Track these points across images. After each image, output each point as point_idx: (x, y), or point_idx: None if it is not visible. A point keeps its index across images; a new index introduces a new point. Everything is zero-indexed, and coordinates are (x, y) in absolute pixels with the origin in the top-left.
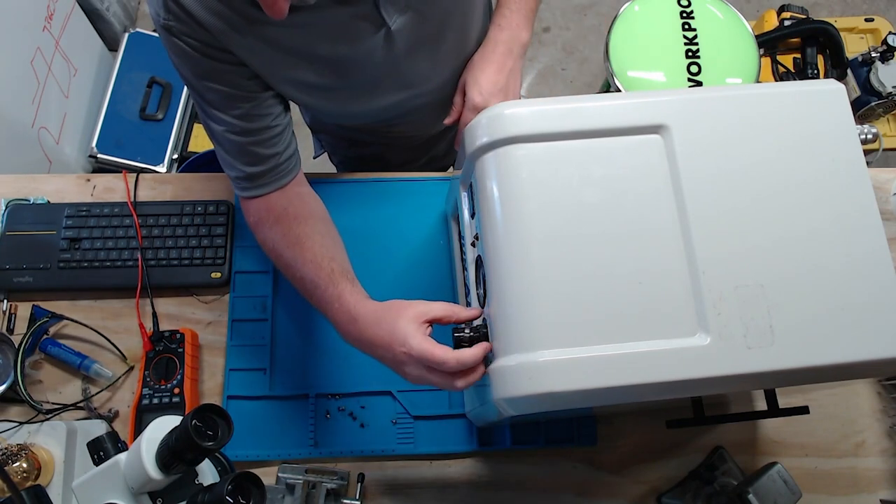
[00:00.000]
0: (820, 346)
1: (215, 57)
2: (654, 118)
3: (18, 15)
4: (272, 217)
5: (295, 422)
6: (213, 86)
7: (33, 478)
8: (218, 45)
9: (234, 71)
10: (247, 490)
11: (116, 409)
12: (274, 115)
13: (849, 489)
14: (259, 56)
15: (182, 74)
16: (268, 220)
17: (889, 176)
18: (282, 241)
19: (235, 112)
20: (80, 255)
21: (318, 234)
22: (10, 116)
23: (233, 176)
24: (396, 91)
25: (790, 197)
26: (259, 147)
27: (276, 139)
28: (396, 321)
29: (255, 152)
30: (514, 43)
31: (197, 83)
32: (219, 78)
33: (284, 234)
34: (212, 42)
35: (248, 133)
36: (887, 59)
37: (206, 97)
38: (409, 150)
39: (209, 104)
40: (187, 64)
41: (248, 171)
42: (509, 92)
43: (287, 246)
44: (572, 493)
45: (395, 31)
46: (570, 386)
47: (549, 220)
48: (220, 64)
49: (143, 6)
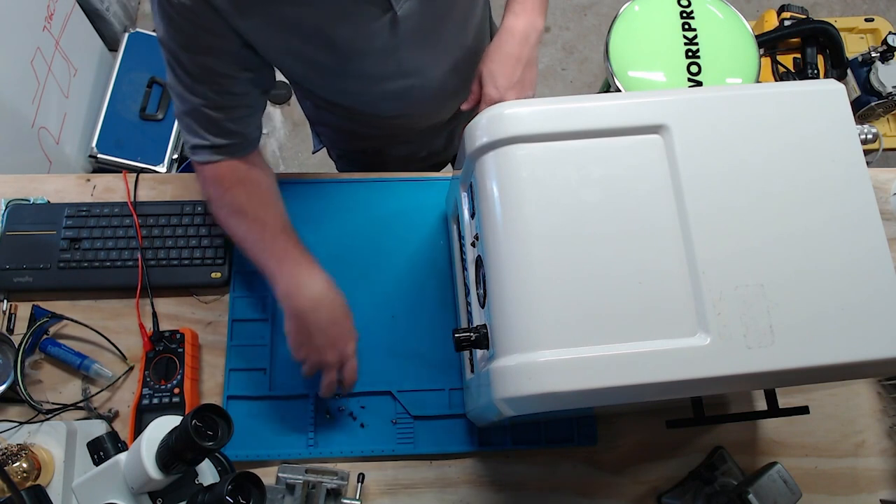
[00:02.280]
0: (820, 346)
1: (213, 32)
2: (654, 118)
3: (18, 15)
4: (224, 182)
5: (295, 422)
6: (201, 59)
7: (33, 478)
8: (219, 21)
9: (227, 48)
10: (247, 490)
11: (116, 409)
12: (252, 95)
13: (849, 489)
14: (263, 31)
15: (167, 45)
16: (221, 183)
17: (889, 176)
18: (230, 203)
19: (216, 87)
20: (80, 255)
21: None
22: (10, 116)
23: (194, 143)
24: (395, 79)
25: (790, 197)
26: (230, 123)
27: (248, 119)
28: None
29: (226, 127)
30: (531, 30)
31: (183, 55)
32: (209, 52)
33: (233, 198)
34: (213, 18)
35: (223, 109)
36: (887, 59)
37: (189, 69)
38: (408, 143)
39: (190, 76)
40: (179, 36)
41: (213, 141)
42: (526, 85)
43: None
44: (572, 493)
45: (400, 16)
46: (570, 386)
47: (549, 220)
48: (214, 39)
49: (143, 6)
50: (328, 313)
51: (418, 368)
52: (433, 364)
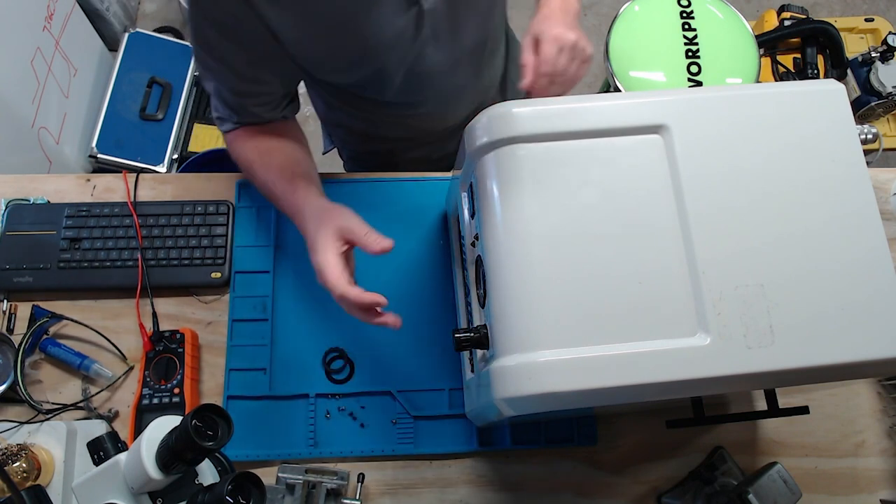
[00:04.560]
0: (820, 346)
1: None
2: (654, 118)
3: (18, 15)
4: (250, 136)
5: (295, 422)
6: (226, 45)
7: (33, 478)
8: (247, 9)
9: (253, 36)
10: (247, 490)
11: (116, 409)
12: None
13: (849, 489)
14: (289, 19)
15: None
16: (246, 138)
17: (889, 176)
18: (254, 151)
19: (239, 75)
20: (80, 255)
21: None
22: (10, 116)
23: (217, 115)
24: (414, 73)
25: (790, 197)
26: (257, 108)
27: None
28: (320, 226)
29: (253, 112)
30: (569, 5)
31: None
32: (234, 38)
33: (257, 146)
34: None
35: (244, 95)
36: (887, 59)
37: (214, 53)
38: (421, 147)
39: (213, 57)
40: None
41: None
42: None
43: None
44: (572, 493)
45: (427, 10)
46: (570, 386)
47: (549, 220)
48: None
49: (143, 6)
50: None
51: (418, 368)
52: (433, 364)
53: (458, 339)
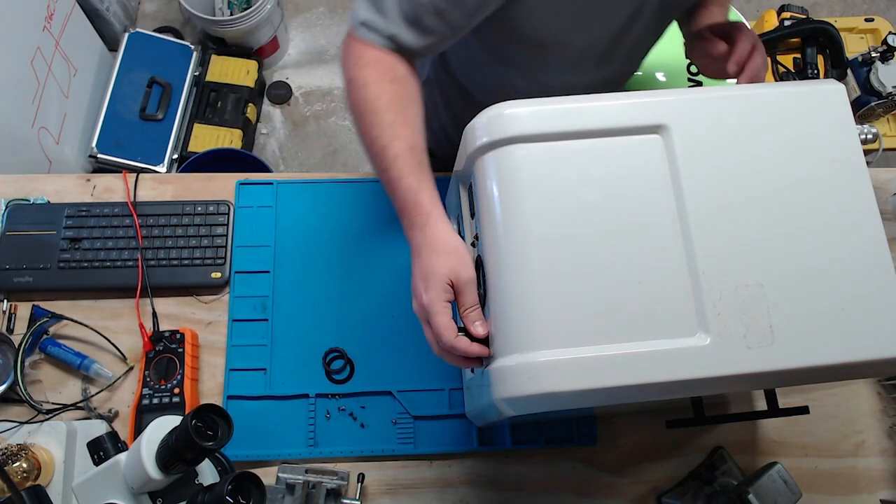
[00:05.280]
0: (820, 346)
1: None
2: (654, 118)
3: (18, 15)
4: (388, 74)
5: (295, 422)
6: None
7: (33, 478)
8: None
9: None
10: (247, 490)
11: (116, 409)
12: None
13: (849, 489)
14: None
15: None
16: (383, 71)
17: (889, 176)
18: (387, 98)
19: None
20: (80, 255)
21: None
22: (9, 116)
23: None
24: (596, 69)
25: (790, 197)
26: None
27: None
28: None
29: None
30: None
31: None
32: None
33: (391, 95)
34: None
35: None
36: (887, 59)
37: None
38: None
39: None
40: None
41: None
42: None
43: (389, 108)
44: (572, 493)
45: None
46: (570, 386)
47: (548, 220)
48: None
49: (144, 6)
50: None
51: (418, 368)
52: (433, 364)
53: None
